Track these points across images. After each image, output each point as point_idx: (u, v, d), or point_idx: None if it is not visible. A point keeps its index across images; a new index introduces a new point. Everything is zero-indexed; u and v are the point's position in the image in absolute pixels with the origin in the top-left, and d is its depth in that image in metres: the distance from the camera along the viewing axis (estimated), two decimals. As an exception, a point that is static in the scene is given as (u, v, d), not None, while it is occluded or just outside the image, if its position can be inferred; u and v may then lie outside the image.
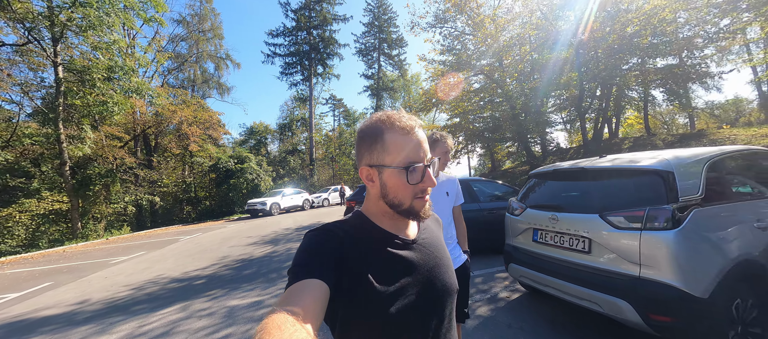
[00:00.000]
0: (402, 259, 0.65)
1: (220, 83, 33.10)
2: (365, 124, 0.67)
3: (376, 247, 0.64)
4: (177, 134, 17.53)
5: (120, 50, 11.71)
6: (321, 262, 0.56)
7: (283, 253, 6.83)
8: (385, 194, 0.65)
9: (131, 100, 12.04)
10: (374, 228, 0.67)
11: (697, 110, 28.38)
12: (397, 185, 0.63)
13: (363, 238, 0.64)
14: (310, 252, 0.59)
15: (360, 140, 0.67)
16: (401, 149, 0.62)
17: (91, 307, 4.39)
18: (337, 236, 0.62)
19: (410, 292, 0.62)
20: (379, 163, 0.64)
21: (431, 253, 0.70)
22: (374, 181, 0.66)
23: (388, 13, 35.88)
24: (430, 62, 12.10)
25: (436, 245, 0.73)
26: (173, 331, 3.34)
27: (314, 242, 0.61)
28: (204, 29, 31.64)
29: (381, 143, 0.63)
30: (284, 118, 37.56)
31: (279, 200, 16.81)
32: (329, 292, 0.53)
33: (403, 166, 0.62)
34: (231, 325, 3.36)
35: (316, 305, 0.49)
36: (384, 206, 0.67)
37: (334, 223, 0.66)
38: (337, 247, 0.60)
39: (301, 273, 0.54)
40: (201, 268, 6.07)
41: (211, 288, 4.74)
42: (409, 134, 0.63)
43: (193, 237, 10.99)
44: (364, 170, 0.66)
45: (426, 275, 0.66)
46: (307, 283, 0.52)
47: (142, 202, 16.68)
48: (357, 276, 0.59)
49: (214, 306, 3.97)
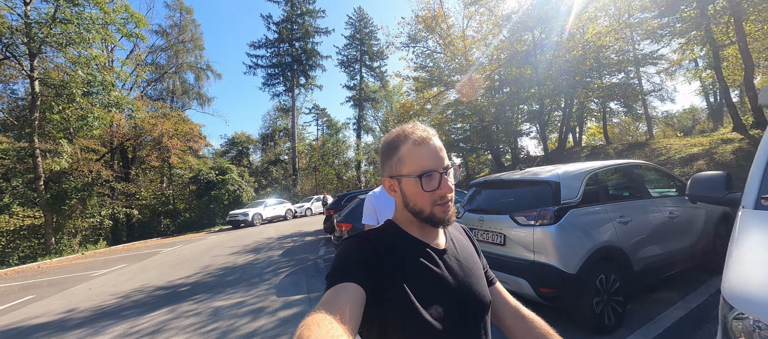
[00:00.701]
0: (434, 268, 0.66)
1: (201, 94, 32.84)
2: (386, 139, 0.72)
3: (409, 255, 0.66)
4: (157, 147, 17.44)
5: (99, 65, 11.83)
6: (358, 267, 0.58)
7: (265, 260, 7.24)
8: (406, 203, 0.69)
9: (111, 114, 12.11)
10: (406, 236, 0.70)
11: (657, 119, 30.85)
12: (414, 193, 0.67)
13: (396, 246, 0.66)
14: (348, 257, 0.61)
15: (382, 154, 0.73)
16: (416, 159, 0.66)
17: (81, 314, 4.68)
18: (372, 243, 0.64)
19: (443, 300, 0.64)
20: (397, 173, 0.68)
21: (462, 263, 0.72)
22: (396, 191, 0.70)
23: (369, 27, 36.97)
24: (405, 78, 12.93)
25: (466, 256, 0.75)
26: (163, 329, 3.76)
27: (351, 248, 0.63)
28: (184, 40, 31.47)
29: (398, 155, 0.68)
30: (267, 129, 37.56)
31: (261, 211, 16.99)
32: (365, 296, 0.55)
33: (417, 174, 0.65)
34: (216, 320, 3.82)
35: (354, 308, 0.51)
36: (409, 215, 0.70)
37: (369, 231, 0.70)
38: (373, 254, 0.62)
39: (339, 277, 0.56)
40: (185, 277, 6.39)
41: (195, 293, 5.13)
42: (422, 145, 0.67)
43: (174, 249, 11.09)
44: (387, 181, 0.71)
45: (458, 285, 0.68)
46: (345, 286, 0.54)
47: (119, 216, 16.40)
48: (391, 282, 0.60)
49: (200, 307, 4.39)
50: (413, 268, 0.64)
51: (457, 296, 0.66)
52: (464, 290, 0.68)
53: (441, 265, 0.67)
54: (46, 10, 10.45)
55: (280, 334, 3.28)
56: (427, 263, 0.66)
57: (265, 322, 3.61)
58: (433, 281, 0.64)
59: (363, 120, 36.52)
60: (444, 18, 12.59)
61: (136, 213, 17.13)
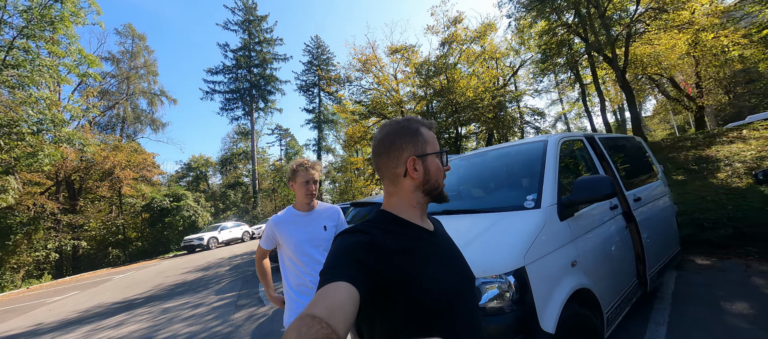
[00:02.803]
0: (429, 248, 0.70)
1: (154, 119, 32.55)
2: (395, 126, 0.75)
3: (405, 236, 0.68)
4: (108, 178, 17.65)
5: (49, 102, 12.47)
6: (351, 264, 0.58)
7: (213, 275, 8.55)
8: (427, 180, 0.72)
9: (61, 149, 12.67)
10: (400, 221, 0.71)
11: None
12: (437, 169, 0.73)
13: (392, 233, 0.67)
14: (341, 254, 0.60)
15: (396, 136, 0.73)
16: (434, 139, 0.75)
17: (48, 326, 5.80)
18: (365, 234, 0.64)
19: (443, 278, 0.67)
20: (423, 152, 0.72)
21: (450, 245, 0.78)
22: (418, 170, 0.72)
23: (326, 54, 39.23)
24: (345, 111, 15.04)
25: (449, 238, 0.81)
26: (123, 324, 5.13)
27: (345, 244, 0.63)
28: (136, 66, 31.40)
29: (421, 135, 0.73)
30: (226, 151, 37.67)
31: (217, 234, 17.71)
32: (359, 294, 0.53)
33: (439, 151, 0.75)
34: (165, 313, 5.28)
35: (345, 308, 0.49)
36: (419, 197, 0.73)
37: (361, 224, 0.69)
38: (369, 247, 0.62)
39: (330, 276, 0.56)
40: (139, 293, 7.56)
41: (149, 302, 6.43)
42: (432, 129, 0.77)
43: (126, 275, 11.76)
44: (411, 161, 0.71)
45: (451, 262, 0.72)
46: (336, 286, 0.53)
47: (66, 249, 16.27)
48: (388, 268, 0.60)
49: (153, 309, 5.77)
50: (412, 250, 0.66)
51: (451, 272, 0.70)
52: (456, 267, 0.73)
53: (436, 245, 0.72)
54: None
55: (212, 315, 4.85)
56: (425, 245, 0.69)
57: (202, 310, 5.15)
58: (432, 261, 0.67)
59: (323, 141, 38.10)
60: (377, 60, 14.99)
61: (84, 244, 17.03)
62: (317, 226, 1.72)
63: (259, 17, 35.44)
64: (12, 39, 11.18)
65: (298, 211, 1.74)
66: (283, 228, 1.70)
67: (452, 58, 13.95)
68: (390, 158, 0.73)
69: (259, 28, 35.43)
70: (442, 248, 0.73)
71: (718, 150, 7.57)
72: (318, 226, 1.72)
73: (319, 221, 1.74)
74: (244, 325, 4.10)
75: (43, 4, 11.28)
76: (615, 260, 2.33)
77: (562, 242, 1.92)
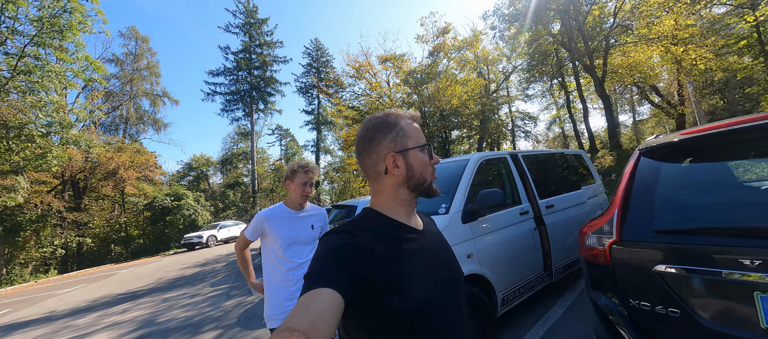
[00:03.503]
0: (417, 247, 0.68)
1: (157, 120, 33.29)
2: (374, 122, 0.71)
3: (393, 236, 0.67)
4: (112, 178, 18.36)
5: (56, 106, 13.17)
6: (336, 268, 0.57)
7: (210, 270, 9.22)
8: (411, 176, 0.70)
9: (68, 151, 13.36)
10: (387, 220, 0.69)
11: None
12: (421, 164, 0.70)
13: (378, 233, 0.66)
14: (325, 258, 0.59)
15: (374, 133, 0.70)
16: (416, 133, 0.71)
17: (60, 313, 6.46)
18: (351, 234, 0.63)
19: (431, 276, 0.66)
20: (403, 147, 0.69)
21: (439, 242, 0.76)
22: (399, 166, 0.69)
23: (325, 56, 39.88)
24: (339, 115, 15.72)
25: (439, 236, 0.78)
26: (128, 311, 5.79)
27: (330, 247, 0.61)
28: (139, 68, 32.18)
29: (400, 130, 0.70)
30: (226, 152, 38.39)
31: (216, 232, 18.39)
32: (342, 298, 0.53)
33: (422, 144, 0.71)
34: (166, 302, 5.94)
35: (327, 316, 0.49)
36: (403, 193, 0.71)
37: (348, 224, 0.67)
38: (352, 247, 0.61)
39: (314, 281, 0.55)
40: (142, 286, 8.22)
41: (151, 293, 7.09)
42: (415, 121, 0.73)
43: (129, 270, 12.45)
44: (390, 158, 0.69)
45: (439, 260, 0.71)
46: (318, 293, 0.52)
47: (72, 245, 16.98)
48: (376, 269, 0.60)
49: (155, 299, 6.43)
50: (400, 250, 0.65)
51: (439, 271, 0.69)
52: (444, 264, 0.71)
53: (424, 244, 0.70)
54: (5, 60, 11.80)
55: (206, 303, 5.50)
56: (411, 243, 0.67)
57: (198, 299, 5.81)
58: (418, 261, 0.65)
59: (322, 142, 38.76)
60: (370, 67, 15.64)
61: (89, 241, 17.74)
62: (306, 224, 1.82)
63: (259, 20, 36.06)
64: (23, 47, 11.88)
65: (290, 208, 1.83)
66: (273, 222, 1.77)
67: (441, 66, 14.58)
68: (370, 156, 0.71)
69: (260, 31, 36.06)
70: (431, 247, 0.71)
71: None
72: (306, 225, 1.83)
73: (307, 220, 1.84)
74: (232, 311, 4.76)
75: (53, 13, 11.97)
76: (518, 254, 2.96)
77: (462, 239, 2.57)
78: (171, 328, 4.41)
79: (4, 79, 11.53)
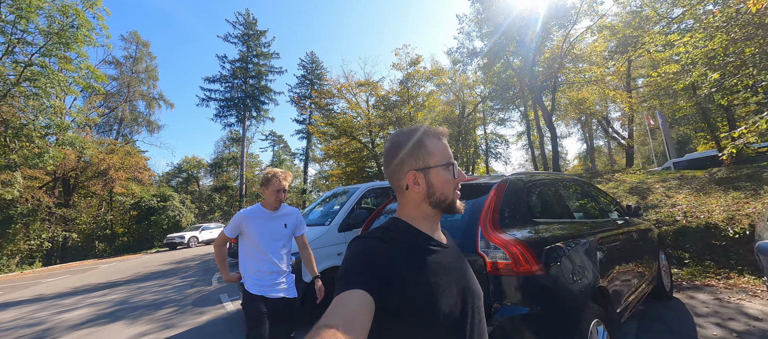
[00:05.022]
0: (442, 260, 0.69)
1: (151, 121, 34.21)
2: (398, 136, 0.74)
3: (418, 247, 0.68)
4: (103, 178, 19.35)
5: (55, 108, 14.32)
6: (367, 272, 0.59)
7: (184, 267, 10.29)
8: (432, 193, 0.70)
9: (64, 151, 14.44)
10: (414, 230, 0.71)
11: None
12: (444, 182, 0.70)
13: (405, 241, 0.68)
14: (357, 261, 0.62)
15: (395, 149, 0.73)
16: (442, 150, 0.71)
17: (48, 296, 7.52)
18: (382, 241, 0.65)
19: (453, 291, 0.66)
20: (424, 165, 0.70)
21: (461, 257, 0.77)
22: (420, 184, 0.70)
23: (319, 69, 41.59)
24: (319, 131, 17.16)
25: (460, 253, 0.79)
26: (107, 295, 6.89)
27: (360, 250, 0.64)
28: (138, 71, 33.35)
29: (424, 148, 0.71)
30: (218, 155, 39.37)
31: (198, 234, 19.35)
32: (373, 301, 0.54)
33: (445, 163, 0.71)
34: (140, 291, 7.06)
35: (362, 317, 0.50)
36: (426, 209, 0.72)
37: (376, 230, 0.70)
38: (385, 254, 0.63)
39: (347, 282, 0.57)
40: (121, 278, 9.28)
41: (128, 283, 8.18)
42: (442, 138, 0.73)
43: (111, 265, 13.40)
44: (411, 175, 0.70)
45: (461, 276, 0.71)
46: (351, 293, 0.54)
47: (58, 239, 17.82)
48: (403, 278, 0.61)
49: (131, 287, 7.54)
50: (424, 261, 0.66)
51: (461, 287, 0.69)
52: (465, 281, 0.71)
53: (447, 258, 0.71)
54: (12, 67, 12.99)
55: (173, 290, 6.64)
56: (435, 256, 0.68)
57: (167, 287, 6.95)
58: (441, 274, 0.66)
59: (311, 151, 40.03)
60: (351, 86, 17.13)
61: (74, 236, 18.59)
62: (280, 223, 2.04)
63: (258, 32, 37.66)
64: (30, 55, 13.11)
65: (266, 209, 2.04)
66: (250, 221, 1.98)
67: (414, 91, 16.09)
68: (394, 170, 0.73)
69: (258, 42, 37.60)
70: (454, 262, 0.72)
71: None
72: (280, 224, 2.04)
73: (281, 219, 2.05)
74: (191, 296, 5.93)
75: (62, 27, 13.27)
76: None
77: (336, 242, 3.85)
78: (139, 305, 5.57)
79: (11, 83, 12.71)
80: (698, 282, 4.10)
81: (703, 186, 7.03)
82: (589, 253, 2.07)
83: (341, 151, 18.42)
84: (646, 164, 30.31)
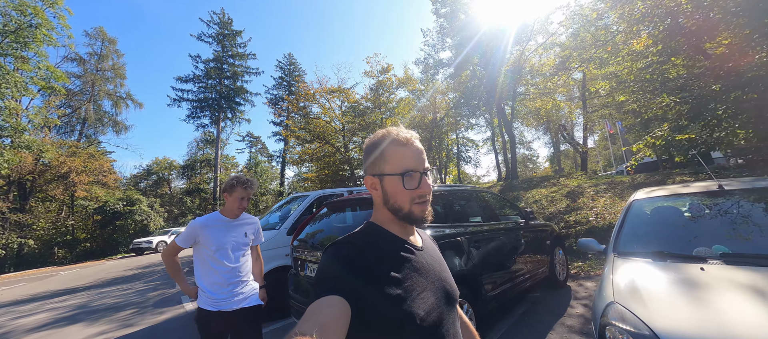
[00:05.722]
0: (416, 263, 0.70)
1: (117, 121, 32.85)
2: (369, 140, 0.75)
3: (393, 251, 0.69)
4: (64, 182, 18.54)
5: (10, 109, 13.73)
6: (344, 276, 0.60)
7: (149, 272, 10.31)
8: (386, 200, 0.71)
9: (19, 154, 13.86)
10: (387, 234, 0.72)
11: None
12: (396, 191, 0.69)
13: (379, 245, 0.69)
14: (332, 267, 0.63)
15: (365, 153, 0.75)
16: (398, 158, 0.69)
17: (4, 302, 7.43)
18: (357, 246, 0.66)
19: (428, 294, 0.67)
20: (380, 171, 0.71)
21: (436, 260, 0.77)
22: (377, 189, 0.72)
23: (298, 71, 41.48)
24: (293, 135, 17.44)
25: (436, 254, 0.80)
26: (67, 300, 6.95)
27: (336, 257, 0.64)
28: (103, 68, 31.93)
29: (381, 154, 0.71)
30: (191, 157, 38.26)
31: (167, 238, 18.97)
32: (349, 306, 0.55)
33: (399, 172, 0.69)
34: (101, 294, 7.17)
35: (337, 323, 0.51)
36: (388, 213, 0.73)
37: (351, 235, 0.71)
38: (360, 258, 0.64)
39: (323, 289, 0.57)
40: (82, 284, 9.20)
41: (89, 289, 8.19)
42: (405, 145, 0.71)
43: (72, 271, 13.02)
44: (368, 179, 0.73)
45: (437, 278, 0.72)
46: (328, 300, 0.54)
47: (12, 246, 16.91)
48: (378, 282, 0.61)
49: (92, 292, 7.60)
50: (398, 263, 0.66)
51: (436, 288, 0.70)
52: (440, 283, 0.72)
53: (421, 261, 0.71)
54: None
55: (135, 294, 6.82)
56: (409, 258, 0.69)
57: (129, 291, 7.11)
58: (415, 276, 0.67)
59: (288, 153, 39.77)
60: (325, 91, 17.53)
61: (31, 243, 17.69)
62: (240, 232, 1.93)
63: (234, 32, 37.01)
64: (-17, 54, 12.55)
65: (225, 217, 1.92)
66: (208, 230, 1.85)
67: (384, 98, 16.75)
68: (364, 172, 0.76)
69: (234, 42, 36.98)
70: (428, 264, 0.73)
71: (528, 193, 10.59)
72: (240, 232, 1.93)
73: (242, 228, 1.94)
74: (152, 298, 6.19)
75: (20, 25, 12.80)
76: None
77: (284, 245, 4.34)
78: (99, 309, 5.77)
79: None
80: (593, 273, 4.93)
81: (622, 191, 8.09)
82: (459, 246, 2.71)
83: (315, 155, 18.78)
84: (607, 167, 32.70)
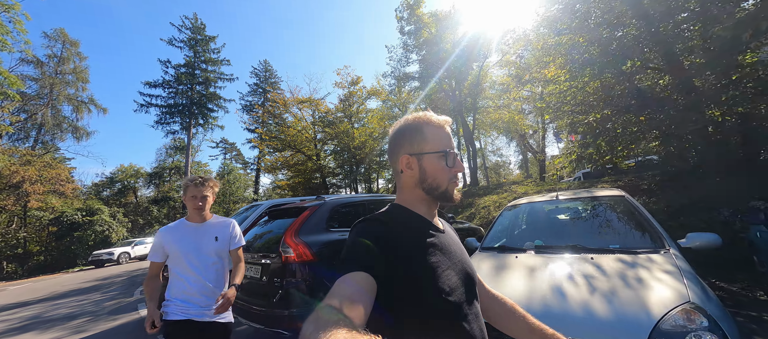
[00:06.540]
0: (440, 244, 0.72)
1: (78, 127, 31.28)
2: (403, 123, 0.77)
3: (418, 231, 0.71)
4: (15, 193, 17.51)
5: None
6: (368, 253, 0.61)
7: (109, 284, 10.12)
8: (424, 179, 0.73)
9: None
10: (413, 215, 0.74)
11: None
12: (437, 169, 0.72)
13: (405, 224, 0.71)
14: (358, 244, 0.64)
15: (400, 135, 0.76)
16: (439, 138, 0.74)
17: (-56, 319, 7.17)
18: (383, 224, 0.68)
19: (451, 273, 0.68)
20: (419, 151, 0.73)
21: (457, 243, 0.80)
22: (413, 169, 0.73)
23: (273, 78, 41.28)
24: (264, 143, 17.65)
25: (457, 239, 0.83)
26: (17, 313, 6.86)
27: (362, 234, 0.66)
28: (64, 71, 30.44)
29: (421, 134, 0.73)
30: (159, 164, 36.89)
31: (130, 250, 18.31)
32: (375, 281, 0.57)
33: (441, 150, 0.73)
34: (55, 305, 7.12)
35: (364, 297, 0.52)
36: (420, 193, 0.74)
37: (377, 214, 0.73)
38: (386, 235, 0.65)
39: (349, 265, 0.59)
40: (34, 297, 8.94)
41: (43, 302, 8.03)
42: (442, 127, 0.75)
43: (23, 286, 12.40)
44: (404, 159, 0.74)
45: (458, 260, 0.74)
46: (354, 275, 0.56)
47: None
48: (405, 259, 0.63)
49: (46, 304, 7.49)
50: (423, 243, 0.68)
51: (458, 270, 0.71)
52: (462, 265, 0.74)
53: (444, 241, 0.74)
54: None
55: (91, 305, 6.85)
56: (433, 239, 0.71)
57: (85, 303, 7.11)
58: (439, 255, 0.68)
59: (262, 162, 39.27)
60: (296, 101, 17.89)
61: (-26, 257, 16.51)
62: (208, 237, 1.81)
63: (207, 37, 36.32)
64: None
65: (190, 222, 1.84)
66: (172, 237, 1.76)
67: (354, 108, 17.38)
68: (392, 155, 0.77)
69: (207, 47, 36.30)
70: (451, 246, 0.75)
71: (481, 199, 11.48)
72: (209, 237, 1.81)
73: (210, 232, 1.82)
74: (109, 307, 6.30)
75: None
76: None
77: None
78: (53, 319, 5.83)
79: None
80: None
81: (558, 196, 9.08)
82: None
83: (288, 163, 19.00)
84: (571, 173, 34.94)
